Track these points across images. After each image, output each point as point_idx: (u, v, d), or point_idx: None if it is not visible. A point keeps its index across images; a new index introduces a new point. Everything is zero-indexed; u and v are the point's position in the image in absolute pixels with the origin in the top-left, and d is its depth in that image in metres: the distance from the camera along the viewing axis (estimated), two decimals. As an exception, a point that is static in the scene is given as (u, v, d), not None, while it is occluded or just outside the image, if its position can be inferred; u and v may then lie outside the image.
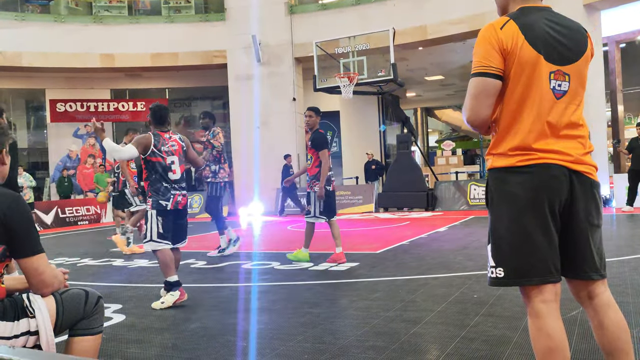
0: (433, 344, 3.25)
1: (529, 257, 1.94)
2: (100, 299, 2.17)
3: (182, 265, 6.71)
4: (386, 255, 6.83)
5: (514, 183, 1.96)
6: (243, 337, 3.57)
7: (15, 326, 1.91)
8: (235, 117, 17.15)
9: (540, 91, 1.94)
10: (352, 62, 14.14)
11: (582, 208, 1.96)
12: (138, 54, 17.15)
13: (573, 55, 1.97)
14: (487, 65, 1.94)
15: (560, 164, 1.94)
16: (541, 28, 1.95)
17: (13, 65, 16.39)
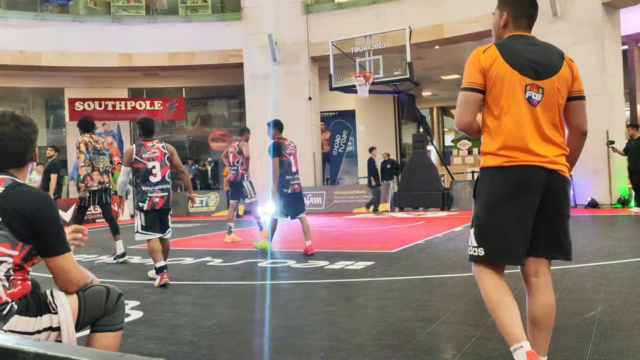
0: (449, 343, 3.24)
1: (505, 243, 2.37)
2: (121, 296, 2.21)
3: (199, 264, 6.78)
4: (402, 254, 6.82)
5: (499, 180, 2.38)
6: (260, 335, 3.59)
7: (38, 322, 1.95)
8: (251, 116, 17.22)
9: (517, 100, 2.36)
10: (368, 61, 14.13)
11: (554, 201, 2.37)
12: (155, 54, 17.30)
13: (546, 72, 2.39)
14: (470, 82, 2.41)
15: (537, 165, 2.33)
16: (518, 50, 2.42)
17: (33, 65, 16.63)
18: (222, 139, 21.12)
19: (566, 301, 4.04)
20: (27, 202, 1.92)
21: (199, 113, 22.04)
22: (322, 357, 3.04)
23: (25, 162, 2.11)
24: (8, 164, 2.05)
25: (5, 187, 1.94)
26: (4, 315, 1.88)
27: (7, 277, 1.92)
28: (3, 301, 1.90)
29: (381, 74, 13.90)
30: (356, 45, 14.61)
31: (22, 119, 2.07)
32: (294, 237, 9.74)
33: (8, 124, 2.03)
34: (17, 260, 1.93)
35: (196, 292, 5.08)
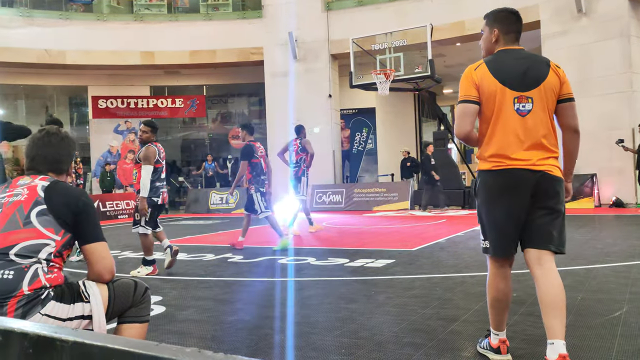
0: (470, 342, 3.22)
1: (499, 238, 2.70)
2: (148, 289, 2.31)
3: (220, 260, 6.84)
4: (422, 252, 6.80)
5: (490, 182, 2.68)
6: (280, 331, 3.61)
7: (71, 309, 2.05)
8: (271, 114, 17.29)
9: (506, 112, 2.63)
10: (389, 58, 14.08)
11: (543, 198, 2.62)
12: (177, 52, 17.46)
13: (533, 82, 2.64)
14: (466, 95, 2.69)
15: (524, 168, 2.60)
16: (507, 65, 2.68)
17: (57, 63, 16.90)
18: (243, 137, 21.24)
19: (590, 301, 3.99)
20: (69, 195, 2.15)
21: (220, 111, 22.19)
22: (343, 354, 3.05)
23: (62, 170, 2.34)
24: (48, 168, 2.28)
25: (50, 182, 2.18)
26: (42, 300, 1.99)
27: (47, 261, 2.05)
28: (42, 285, 2.01)
29: (402, 72, 13.83)
30: (377, 42, 14.57)
31: (66, 134, 2.40)
32: (314, 235, 9.76)
33: (54, 135, 2.33)
34: (58, 245, 2.09)
35: (217, 288, 5.12)
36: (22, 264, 1.99)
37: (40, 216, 2.06)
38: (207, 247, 8.14)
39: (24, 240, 2.01)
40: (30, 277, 1.98)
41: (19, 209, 2.07)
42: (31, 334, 0.79)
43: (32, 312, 1.95)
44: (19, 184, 2.19)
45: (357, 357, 2.99)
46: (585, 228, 8.96)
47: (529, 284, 4.62)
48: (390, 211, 14.66)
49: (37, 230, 2.04)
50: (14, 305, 1.94)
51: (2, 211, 2.08)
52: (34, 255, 2.01)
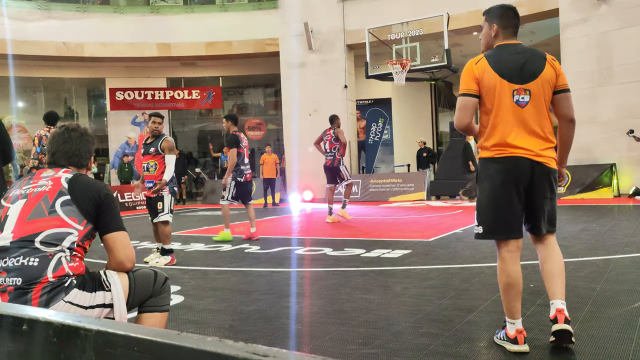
0: (487, 332, 3.22)
1: (498, 220, 2.85)
2: (167, 279, 2.34)
3: (236, 250, 6.89)
4: (439, 243, 6.78)
5: (493, 169, 2.85)
6: (297, 321, 3.64)
7: (93, 297, 2.10)
8: (287, 105, 17.28)
9: (506, 104, 2.80)
10: (405, 48, 13.99)
11: (539, 187, 2.82)
12: (193, 43, 17.52)
13: (530, 75, 2.81)
14: (467, 88, 2.85)
15: (525, 157, 2.78)
16: (506, 59, 2.84)
17: (75, 56, 17.06)
18: (259, 128, 21.30)
19: (610, 292, 3.95)
20: (92, 187, 2.21)
21: (236, 102, 22.25)
22: (359, 344, 3.07)
23: (82, 165, 2.40)
24: (68, 163, 2.34)
25: (73, 175, 2.24)
26: (65, 287, 2.03)
27: (70, 249, 2.10)
28: (65, 273, 2.05)
29: (418, 61, 13.74)
30: (393, 32, 14.47)
31: (86, 130, 2.44)
32: (330, 225, 9.78)
33: (74, 130, 2.38)
34: (80, 235, 2.13)
35: (235, 279, 5.17)
36: (46, 251, 2.04)
37: (65, 206, 2.12)
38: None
39: (48, 228, 2.06)
40: (55, 264, 2.03)
41: (44, 199, 2.12)
42: (55, 323, 0.81)
43: (56, 299, 2.00)
44: (42, 176, 2.24)
45: (374, 347, 3.00)
46: (604, 218, 8.86)
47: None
48: (406, 202, 14.62)
49: (61, 219, 2.09)
50: (39, 291, 1.98)
51: (28, 200, 2.13)
52: (58, 244, 2.06)
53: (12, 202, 2.15)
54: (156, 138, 6.17)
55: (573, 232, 7.13)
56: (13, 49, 15.88)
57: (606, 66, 13.18)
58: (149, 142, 6.18)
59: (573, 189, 13.04)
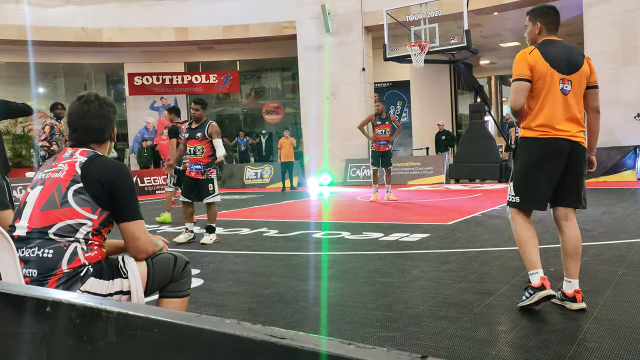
0: (507, 315, 3.21)
1: (534, 193, 3.25)
2: (188, 264, 2.31)
3: (255, 234, 6.93)
4: (458, 226, 6.75)
5: (535, 147, 3.22)
6: (315, 304, 3.66)
7: (110, 285, 2.08)
8: (304, 88, 17.22)
9: (554, 90, 3.16)
10: (424, 29, 13.81)
11: (575, 164, 3.22)
12: (210, 27, 17.50)
13: (574, 68, 3.21)
14: (521, 74, 3.19)
15: (564, 137, 3.17)
16: (553, 52, 3.21)
17: (94, 41, 17.16)
18: (276, 112, 21.29)
19: (631, 276, 3.91)
20: (105, 171, 2.11)
21: (253, 86, 22.24)
22: (377, 327, 3.08)
23: (105, 139, 2.30)
24: (90, 139, 2.25)
25: (87, 158, 2.15)
26: (81, 277, 2.02)
27: (85, 240, 2.07)
28: (81, 263, 2.04)
29: (437, 43, 13.56)
30: (411, 13, 14.29)
31: (104, 99, 2.29)
32: (349, 209, 9.79)
33: (93, 102, 2.24)
34: (95, 224, 2.08)
35: (253, 262, 5.21)
36: (60, 242, 2.01)
37: (77, 195, 2.05)
38: (243, 222, 8.25)
39: (61, 220, 2.03)
40: (69, 255, 2.01)
41: (57, 188, 2.07)
42: (78, 305, 0.83)
43: (72, 289, 1.98)
44: (63, 157, 2.19)
45: (392, 330, 3.01)
46: (627, 202, 8.73)
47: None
48: (425, 185, 14.55)
49: (73, 210, 2.04)
50: (54, 283, 1.97)
51: (44, 188, 2.10)
52: (72, 235, 2.03)
53: (33, 186, 2.14)
54: (201, 123, 6.43)
55: (595, 216, 7.05)
56: (32, 35, 16.01)
57: (631, 46, 12.88)
58: (195, 128, 6.43)
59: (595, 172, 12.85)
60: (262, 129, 21.52)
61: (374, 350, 0.59)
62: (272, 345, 0.64)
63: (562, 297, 3.23)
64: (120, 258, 2.19)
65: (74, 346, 0.83)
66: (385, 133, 10.29)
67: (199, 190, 6.44)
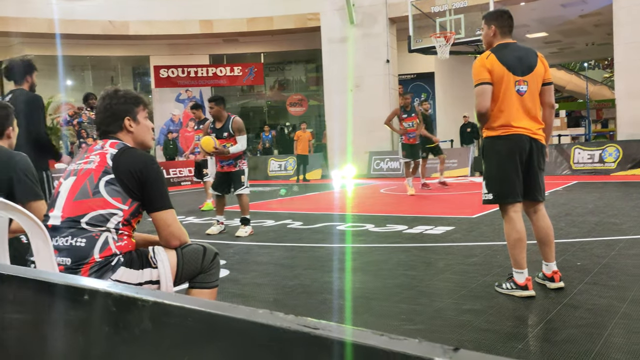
0: (534, 310, 3.18)
1: (507, 187, 3.43)
2: (217, 255, 2.35)
3: (280, 226, 6.97)
4: (483, 219, 6.69)
5: (499, 144, 3.44)
6: (340, 296, 3.68)
7: (140, 275, 2.12)
8: (328, 80, 17.19)
9: (510, 92, 3.39)
10: (449, 20, 13.66)
11: (535, 159, 3.44)
12: (235, 19, 17.57)
13: (528, 69, 3.42)
14: (482, 78, 3.40)
15: (525, 134, 3.39)
16: (508, 55, 3.43)
17: (121, 34, 17.37)
18: (300, 104, 21.31)
19: (661, 271, 3.83)
20: (136, 162, 2.18)
21: (277, 78, 22.27)
22: (402, 319, 3.08)
23: (125, 127, 2.34)
24: (116, 130, 2.31)
25: (118, 149, 2.21)
26: (112, 266, 2.07)
27: (116, 229, 2.12)
28: (112, 253, 2.09)
29: (462, 34, 13.41)
30: (436, 4, 14.14)
31: (122, 92, 2.37)
32: (372, 201, 9.77)
33: (109, 95, 2.33)
34: (126, 214, 2.14)
35: (278, 253, 5.25)
36: (92, 232, 2.07)
37: (108, 186, 2.11)
38: (267, 214, 8.30)
39: (93, 210, 2.08)
40: (101, 244, 2.06)
41: (90, 178, 2.13)
42: (114, 294, 0.85)
43: (104, 278, 2.03)
44: (94, 148, 2.25)
45: (416, 323, 3.01)
46: (657, 195, 8.55)
47: (594, 253, 4.49)
48: (449, 178, 14.42)
49: (105, 200, 2.09)
50: (87, 271, 2.03)
51: (77, 178, 2.16)
52: (103, 225, 2.08)
53: (66, 177, 2.20)
54: (225, 121, 6.40)
55: (624, 209, 6.92)
56: (61, 28, 16.27)
57: (663, 36, 12.56)
58: (219, 127, 6.40)
59: (624, 165, 12.60)
60: (286, 121, 21.56)
61: (406, 342, 0.59)
62: (305, 335, 0.65)
63: (543, 277, 3.58)
64: (150, 248, 2.24)
65: (110, 333, 0.86)
66: (413, 125, 10.22)
67: (231, 181, 6.47)
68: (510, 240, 3.44)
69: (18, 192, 2.55)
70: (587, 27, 18.99)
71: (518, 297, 3.36)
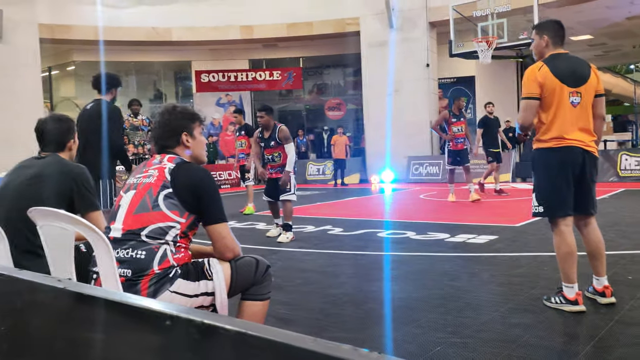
0: (585, 326, 3.12)
1: (558, 200, 3.37)
2: (269, 267, 2.39)
3: (320, 232, 7.00)
4: (527, 229, 6.56)
5: (551, 157, 3.39)
6: (385, 306, 3.67)
7: (197, 286, 2.17)
8: (367, 85, 17.16)
9: (564, 104, 3.33)
10: (491, 24, 13.46)
11: (587, 172, 3.39)
12: (275, 25, 17.72)
13: (582, 80, 3.37)
14: (530, 92, 3.37)
15: (578, 146, 3.34)
16: (561, 66, 3.37)
17: (164, 40, 17.73)
18: (338, 108, 21.32)
19: None
20: (193, 177, 2.25)
21: (316, 82, 22.34)
22: (449, 332, 3.06)
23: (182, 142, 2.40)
24: (172, 145, 2.38)
25: (176, 164, 2.28)
26: (170, 278, 2.13)
27: (174, 242, 2.18)
28: (170, 265, 2.15)
29: (505, 38, 13.19)
30: (478, 8, 13.95)
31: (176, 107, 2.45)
32: (412, 208, 9.71)
33: (165, 110, 2.41)
34: (183, 227, 2.20)
35: (321, 260, 5.27)
36: (152, 244, 2.13)
37: (167, 199, 2.17)
38: (307, 219, 8.34)
39: (152, 223, 2.15)
40: (160, 257, 2.12)
41: (149, 192, 2.20)
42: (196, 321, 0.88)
43: (162, 289, 2.10)
44: (153, 163, 2.33)
45: (463, 336, 2.98)
46: None
47: None
48: (490, 184, 14.19)
49: (163, 213, 2.16)
50: (147, 283, 2.09)
51: (137, 192, 2.24)
52: (162, 237, 2.14)
53: (126, 191, 2.28)
54: (271, 130, 6.53)
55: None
56: (107, 35, 16.71)
57: None
58: (267, 137, 6.56)
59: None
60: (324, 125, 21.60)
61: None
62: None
63: (593, 292, 3.51)
64: (205, 260, 2.29)
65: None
66: (461, 130, 9.96)
67: (277, 189, 6.59)
68: (560, 254, 3.39)
69: (77, 204, 2.65)
70: (634, 29, 18.42)
71: (568, 312, 3.29)
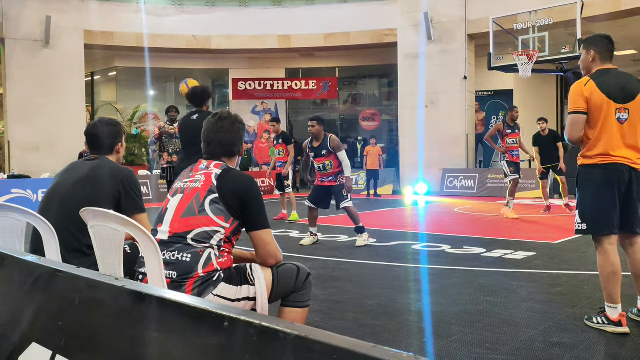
0: (628, 348, 3.03)
1: (602, 218, 3.29)
2: (309, 275, 2.40)
3: (353, 242, 6.96)
4: (566, 246, 6.43)
5: (596, 174, 3.33)
6: (420, 319, 3.64)
7: (239, 291, 2.20)
8: (403, 96, 17.10)
9: (610, 120, 3.28)
10: (532, 38, 13.28)
11: (634, 190, 3.31)
12: (312, 35, 17.85)
13: (630, 97, 3.31)
14: (577, 107, 3.32)
15: (624, 163, 3.28)
16: (609, 82, 3.31)
17: (203, 48, 18.05)
18: (373, 118, 21.31)
19: None
20: (239, 183, 2.28)
21: (351, 92, 22.39)
22: (487, 348, 3.02)
23: (234, 153, 2.48)
24: (222, 152, 2.42)
25: (222, 170, 2.33)
26: (214, 282, 2.17)
27: (218, 246, 2.22)
28: (214, 268, 2.18)
29: (546, 52, 12.96)
30: (519, 21, 13.77)
31: (235, 117, 2.49)
32: (447, 221, 9.61)
33: (226, 119, 2.43)
34: (227, 232, 2.24)
35: (354, 270, 5.26)
36: (197, 248, 2.17)
37: (213, 204, 2.21)
38: (340, 228, 8.33)
39: (198, 227, 2.19)
40: (205, 260, 2.16)
41: (196, 197, 2.25)
42: (255, 324, 0.90)
43: (206, 292, 2.13)
44: (199, 168, 2.38)
45: (502, 353, 2.93)
46: None
47: None
48: (526, 199, 13.97)
49: (209, 218, 2.20)
50: (191, 285, 2.13)
51: (184, 196, 2.28)
52: (207, 241, 2.18)
53: (173, 194, 2.33)
54: (322, 140, 6.67)
55: None
56: (149, 42, 17.12)
57: None
58: (317, 146, 6.70)
59: None
60: (358, 135, 21.59)
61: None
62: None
63: (637, 314, 3.45)
64: (247, 265, 2.31)
65: (249, 362, 0.90)
66: (516, 142, 9.60)
67: (334, 195, 6.73)
68: (604, 273, 3.29)
69: (125, 205, 2.71)
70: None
71: (610, 333, 3.21)
